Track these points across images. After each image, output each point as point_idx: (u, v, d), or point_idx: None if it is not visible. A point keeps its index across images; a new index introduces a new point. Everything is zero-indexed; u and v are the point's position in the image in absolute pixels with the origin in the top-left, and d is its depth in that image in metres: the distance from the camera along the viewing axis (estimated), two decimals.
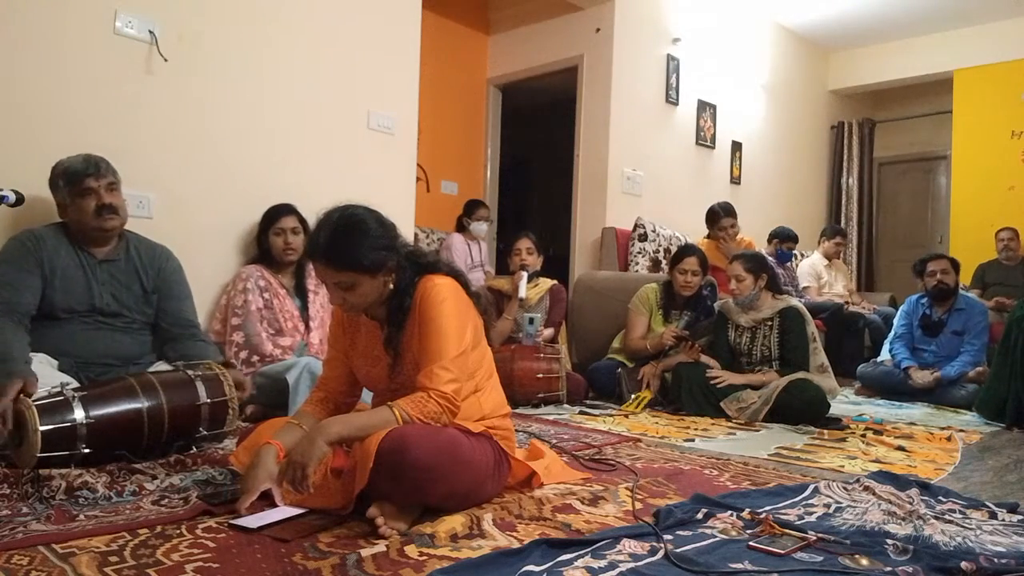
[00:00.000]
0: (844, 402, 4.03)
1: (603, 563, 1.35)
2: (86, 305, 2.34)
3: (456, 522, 1.56)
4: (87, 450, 1.90)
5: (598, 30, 5.18)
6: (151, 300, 2.48)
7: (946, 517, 1.69)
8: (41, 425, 1.83)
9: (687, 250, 3.86)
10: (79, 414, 1.89)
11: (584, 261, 5.19)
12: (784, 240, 5.43)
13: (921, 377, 4.13)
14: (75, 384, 2.08)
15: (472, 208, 4.97)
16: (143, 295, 2.46)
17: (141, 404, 2.02)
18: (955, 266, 4.36)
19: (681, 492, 1.92)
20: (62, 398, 1.91)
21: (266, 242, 3.06)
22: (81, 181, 2.32)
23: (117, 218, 2.39)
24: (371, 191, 3.45)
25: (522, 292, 3.72)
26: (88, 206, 2.33)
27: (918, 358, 4.31)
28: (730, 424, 3.16)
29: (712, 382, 3.36)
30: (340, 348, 1.93)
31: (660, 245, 5.07)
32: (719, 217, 4.86)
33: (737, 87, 6.17)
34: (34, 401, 1.87)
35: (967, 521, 1.68)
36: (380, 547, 1.41)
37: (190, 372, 2.21)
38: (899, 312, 4.60)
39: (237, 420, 2.28)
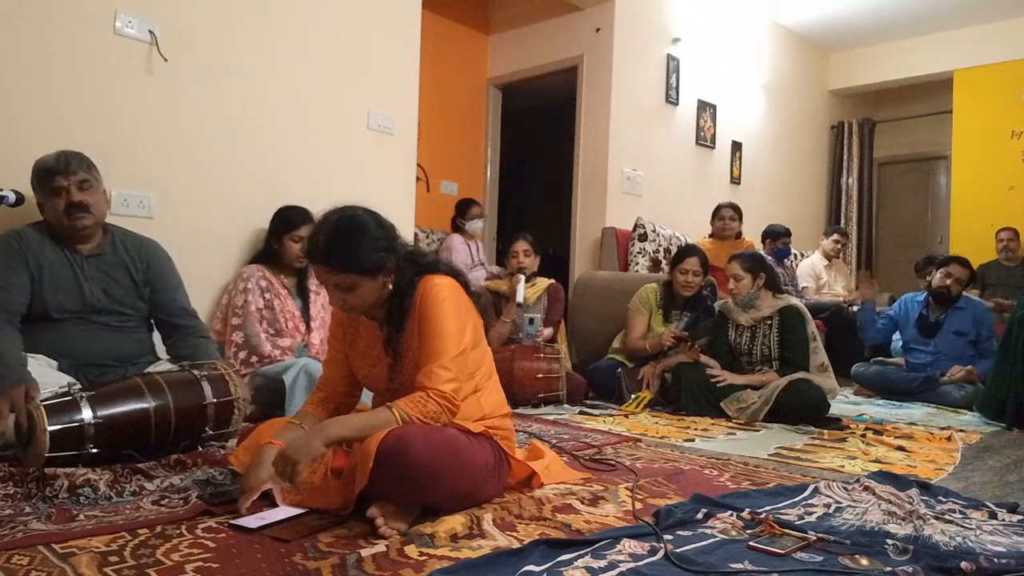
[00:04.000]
0: (844, 402, 4.03)
1: (603, 563, 1.35)
2: (78, 303, 2.31)
3: (456, 522, 1.55)
4: (95, 450, 1.90)
5: (598, 30, 5.18)
6: (143, 293, 2.46)
7: (946, 517, 1.69)
8: (49, 425, 1.83)
9: (688, 250, 3.86)
10: (87, 414, 1.90)
11: (584, 261, 5.19)
12: (777, 237, 5.41)
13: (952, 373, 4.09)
14: (79, 384, 2.07)
15: (464, 208, 4.92)
16: (134, 288, 2.44)
17: (148, 404, 2.03)
18: (972, 279, 4.31)
19: (681, 492, 1.92)
20: (70, 398, 1.91)
21: (276, 244, 3.03)
22: (52, 179, 2.27)
23: (89, 216, 2.31)
24: (371, 191, 3.45)
25: (520, 296, 3.70)
26: (58, 205, 2.28)
27: (915, 358, 4.31)
28: (730, 424, 3.16)
29: (712, 380, 3.36)
30: (340, 348, 1.93)
31: (660, 245, 5.07)
32: (720, 208, 5.02)
33: (737, 87, 6.17)
34: (42, 401, 1.87)
35: (967, 521, 1.68)
36: (380, 547, 1.41)
37: (196, 372, 2.21)
38: (894, 305, 4.56)
39: (242, 420, 2.28)
